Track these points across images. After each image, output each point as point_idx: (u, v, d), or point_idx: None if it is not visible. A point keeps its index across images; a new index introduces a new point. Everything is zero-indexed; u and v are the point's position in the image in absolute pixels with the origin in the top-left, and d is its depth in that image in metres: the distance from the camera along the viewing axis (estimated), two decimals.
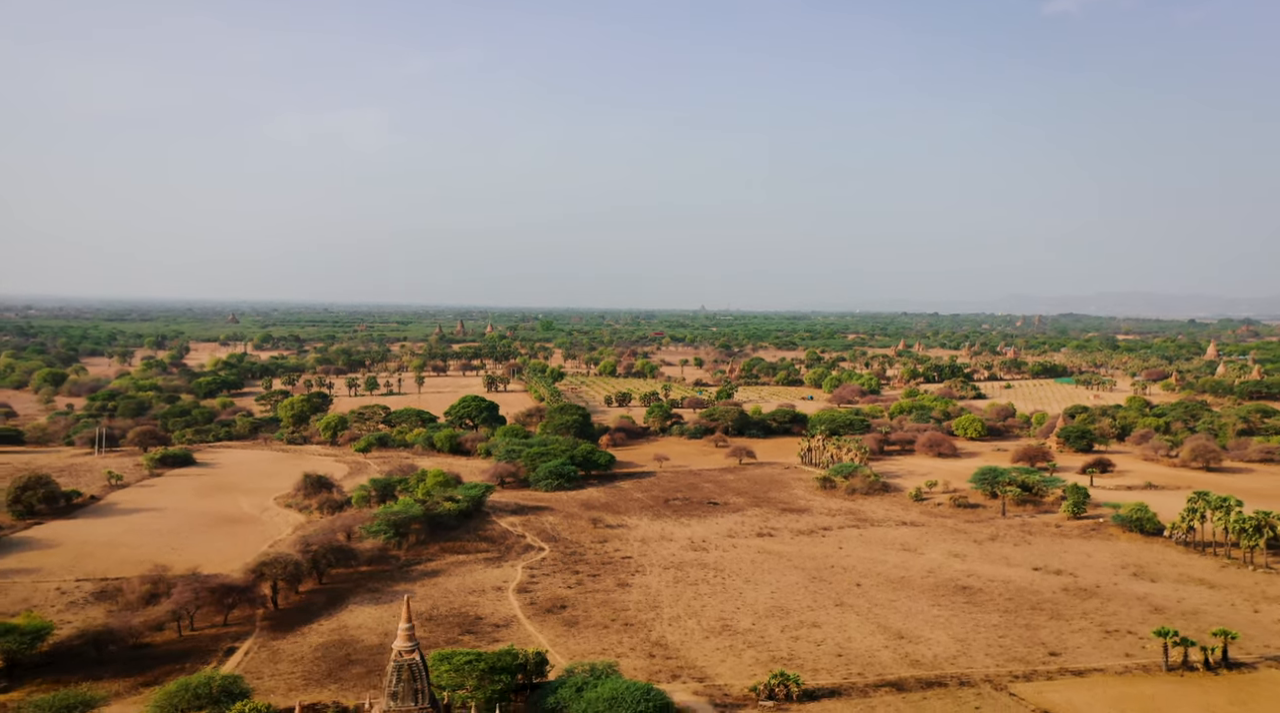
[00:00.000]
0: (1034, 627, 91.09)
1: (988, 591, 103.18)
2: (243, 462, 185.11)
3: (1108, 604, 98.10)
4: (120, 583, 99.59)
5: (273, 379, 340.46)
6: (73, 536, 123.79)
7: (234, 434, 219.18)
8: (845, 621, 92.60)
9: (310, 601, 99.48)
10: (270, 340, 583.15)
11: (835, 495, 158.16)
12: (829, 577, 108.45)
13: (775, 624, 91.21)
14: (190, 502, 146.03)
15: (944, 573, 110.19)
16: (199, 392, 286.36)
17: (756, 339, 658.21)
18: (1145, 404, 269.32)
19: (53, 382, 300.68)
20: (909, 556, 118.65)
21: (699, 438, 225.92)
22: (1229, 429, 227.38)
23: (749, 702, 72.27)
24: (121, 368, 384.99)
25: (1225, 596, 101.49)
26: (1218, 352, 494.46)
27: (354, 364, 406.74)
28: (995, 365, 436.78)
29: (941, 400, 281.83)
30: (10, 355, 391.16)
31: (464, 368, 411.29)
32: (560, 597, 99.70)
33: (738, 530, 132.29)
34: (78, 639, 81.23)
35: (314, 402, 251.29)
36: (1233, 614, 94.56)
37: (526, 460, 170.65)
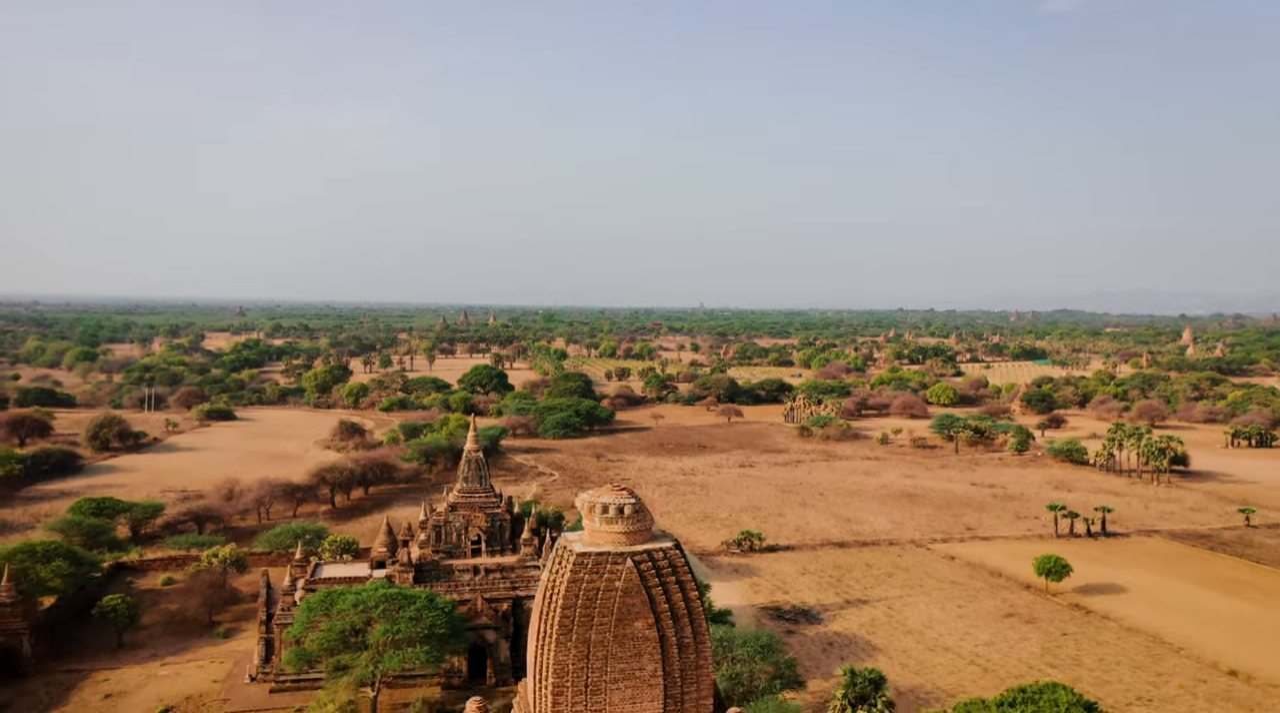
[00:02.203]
0: (959, 516, 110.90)
1: (928, 496, 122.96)
2: (279, 418, 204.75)
3: (1026, 505, 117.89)
4: (200, 491, 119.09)
5: (291, 360, 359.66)
6: (147, 464, 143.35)
7: (264, 400, 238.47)
8: (805, 514, 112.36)
9: (361, 503, 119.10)
10: (281, 330, 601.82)
11: (811, 441, 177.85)
12: (797, 490, 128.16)
13: (748, 516, 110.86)
14: (241, 444, 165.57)
15: (894, 487, 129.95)
16: (225, 367, 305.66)
17: (752, 330, 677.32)
18: (1109, 377, 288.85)
19: (86, 360, 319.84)
20: (867, 477, 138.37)
21: (692, 404, 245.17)
22: (1180, 395, 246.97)
23: (722, 552, 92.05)
24: (144, 351, 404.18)
25: (1125, 500, 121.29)
26: (1193, 337, 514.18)
27: (365, 348, 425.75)
28: (978, 349, 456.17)
29: (921, 374, 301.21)
30: (38, 339, 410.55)
31: (471, 351, 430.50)
32: (568, 501, 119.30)
33: (723, 464, 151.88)
34: (185, 516, 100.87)
35: (335, 373, 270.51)
36: (1126, 509, 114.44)
37: (535, 415, 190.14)
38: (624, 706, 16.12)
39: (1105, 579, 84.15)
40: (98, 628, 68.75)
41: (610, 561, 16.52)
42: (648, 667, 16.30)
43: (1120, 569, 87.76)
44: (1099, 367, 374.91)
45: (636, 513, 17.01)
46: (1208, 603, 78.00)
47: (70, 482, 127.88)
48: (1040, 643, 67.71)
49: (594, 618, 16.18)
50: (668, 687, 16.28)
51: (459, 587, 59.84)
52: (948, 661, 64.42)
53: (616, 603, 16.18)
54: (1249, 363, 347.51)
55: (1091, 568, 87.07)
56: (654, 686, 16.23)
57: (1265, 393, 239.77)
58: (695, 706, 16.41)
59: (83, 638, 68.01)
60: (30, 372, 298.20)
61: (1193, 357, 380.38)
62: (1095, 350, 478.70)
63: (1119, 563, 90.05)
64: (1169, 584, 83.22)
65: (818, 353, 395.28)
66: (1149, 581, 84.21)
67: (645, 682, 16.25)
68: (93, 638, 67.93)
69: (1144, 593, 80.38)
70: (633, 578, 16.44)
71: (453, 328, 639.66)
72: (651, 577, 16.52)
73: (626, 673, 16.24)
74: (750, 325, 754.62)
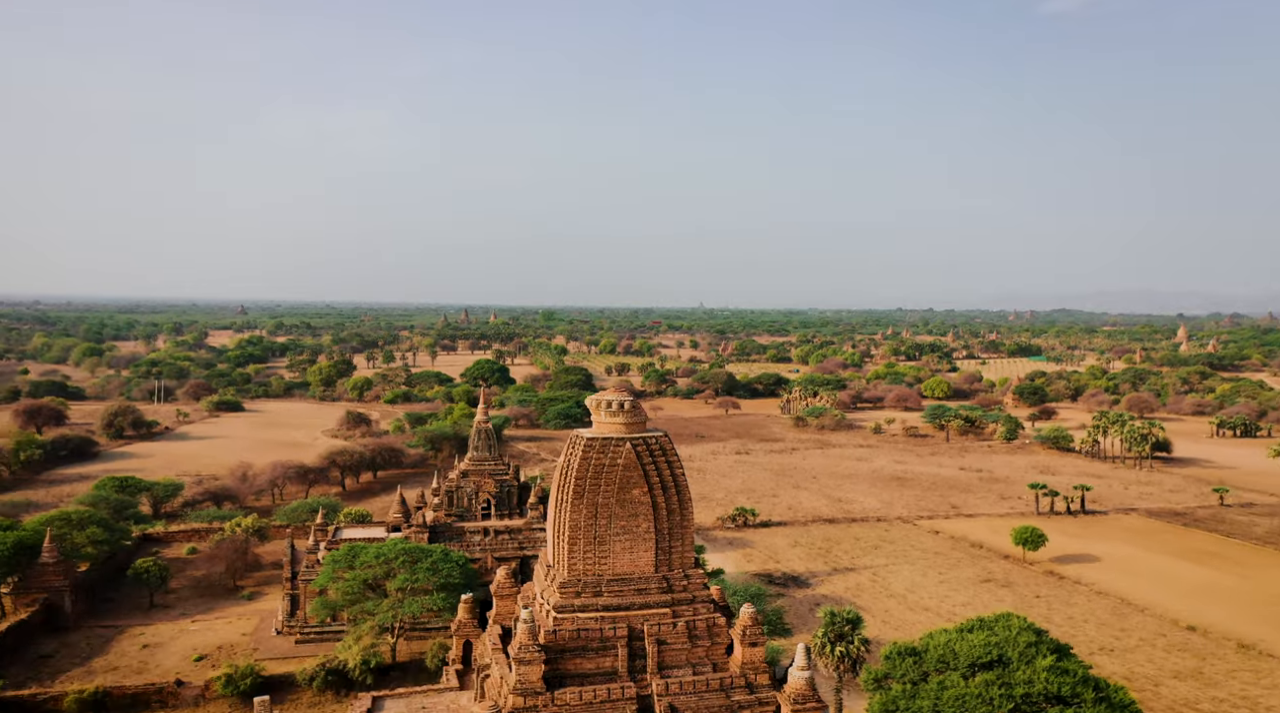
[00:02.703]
0: (946, 496, 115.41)
1: (917, 479, 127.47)
2: (286, 409, 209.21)
3: (1011, 487, 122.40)
4: (214, 475, 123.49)
5: (295, 356, 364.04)
6: (161, 451, 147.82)
7: (270, 393, 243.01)
8: (798, 494, 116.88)
9: (370, 486, 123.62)
10: (283, 328, 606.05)
11: (806, 431, 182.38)
12: (791, 474, 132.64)
13: (743, 497, 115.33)
14: (250, 432, 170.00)
15: (885, 471, 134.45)
16: (231, 362, 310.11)
17: (751, 328, 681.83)
18: (1101, 371, 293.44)
19: (93, 355, 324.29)
20: (859, 463, 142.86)
21: (691, 398, 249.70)
22: (1170, 389, 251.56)
23: (718, 527, 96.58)
24: (149, 348, 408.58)
25: (1107, 482, 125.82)
26: (1188, 335, 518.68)
27: (368, 344, 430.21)
28: (974, 346, 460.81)
29: (916, 370, 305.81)
30: (44, 336, 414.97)
31: (472, 347, 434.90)
32: None
33: (719, 451, 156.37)
34: (202, 496, 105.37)
35: (340, 368, 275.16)
36: (1106, 490, 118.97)
37: (537, 406, 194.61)
38: (624, 554, 20.57)
39: (1080, 550, 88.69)
40: (130, 590, 73.27)
41: (614, 443, 20.96)
42: (643, 525, 20.75)
43: (1095, 542, 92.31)
44: (1093, 363, 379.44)
45: (634, 408, 21.44)
46: (1176, 571, 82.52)
47: (88, 466, 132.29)
48: (1014, 604, 72.14)
49: (600, 486, 20.62)
50: (658, 540, 20.70)
51: (470, 547, 64.32)
52: (927, 618, 68.90)
53: (619, 475, 20.62)
54: (1241, 359, 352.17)
55: (1068, 540, 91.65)
56: (647, 539, 20.66)
57: (1253, 386, 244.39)
58: (680, 556, 20.83)
59: (117, 599, 72.51)
60: (38, 367, 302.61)
61: (1186, 353, 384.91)
62: (1090, 347, 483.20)
63: (1094, 536, 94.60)
64: (1140, 555, 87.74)
65: (815, 349, 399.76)
66: (1122, 551, 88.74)
67: (641, 536, 20.69)
68: (126, 599, 72.43)
69: (1116, 562, 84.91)
70: (631, 456, 20.88)
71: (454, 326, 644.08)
72: (646, 456, 20.94)
73: (626, 529, 20.68)
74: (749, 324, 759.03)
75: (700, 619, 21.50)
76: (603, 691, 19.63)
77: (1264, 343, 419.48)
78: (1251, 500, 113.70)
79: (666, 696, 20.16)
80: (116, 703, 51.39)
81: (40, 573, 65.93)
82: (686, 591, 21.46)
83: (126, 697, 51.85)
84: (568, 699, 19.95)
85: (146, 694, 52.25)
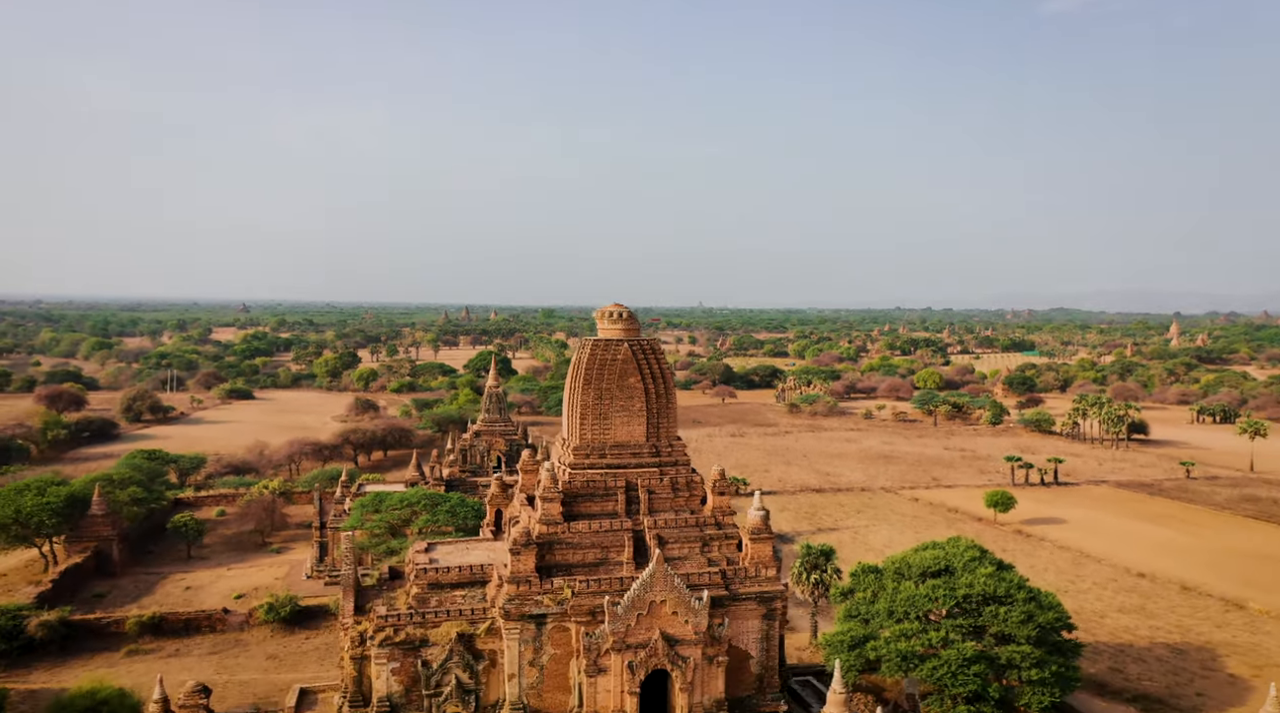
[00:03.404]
0: (929, 471, 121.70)
1: (903, 457, 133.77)
2: (295, 397, 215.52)
3: (990, 463, 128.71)
4: (232, 453, 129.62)
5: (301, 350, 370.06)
6: (179, 433, 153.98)
7: (278, 384, 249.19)
8: (789, 469, 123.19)
9: (381, 463, 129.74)
10: (286, 325, 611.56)
11: (800, 417, 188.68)
12: (782, 453, 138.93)
13: (736, 473, 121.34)
14: (262, 417, 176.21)
15: (873, 450, 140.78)
16: (239, 355, 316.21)
17: (749, 326, 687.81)
18: (1091, 364, 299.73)
19: (102, 348, 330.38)
20: (848, 444, 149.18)
21: (688, 388, 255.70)
22: (1156, 379, 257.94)
23: None
24: (155, 343, 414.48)
25: (1083, 459, 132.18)
26: (1180, 331, 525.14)
27: (371, 339, 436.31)
28: (969, 342, 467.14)
29: (910, 362, 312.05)
30: (51, 332, 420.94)
31: (473, 342, 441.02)
32: None
33: (715, 434, 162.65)
34: (223, 470, 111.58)
35: (345, 360, 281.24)
36: (1081, 465, 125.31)
37: (539, 394, 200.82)
38: (622, 427, 26.76)
39: (1048, 514, 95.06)
40: (168, 545, 79.61)
41: (614, 344, 27.19)
42: (636, 405, 26.96)
43: (1063, 507, 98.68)
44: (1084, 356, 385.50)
45: (631, 317, 27.65)
46: (1135, 530, 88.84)
47: (111, 446, 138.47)
48: None
49: (604, 375, 26.83)
50: (649, 417, 26.86)
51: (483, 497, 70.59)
52: None
53: (618, 367, 26.82)
54: (1229, 352, 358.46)
55: (1038, 506, 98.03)
56: (640, 416, 26.85)
57: (1236, 377, 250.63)
58: (666, 430, 27.02)
59: (156, 551, 78.84)
60: (48, 361, 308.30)
61: (1176, 347, 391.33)
62: (1084, 343, 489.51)
63: (1063, 503, 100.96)
64: (1104, 518, 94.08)
65: (812, 344, 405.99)
66: (1087, 515, 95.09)
67: (635, 413, 26.89)
68: (165, 552, 78.76)
69: (1080, 523, 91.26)
70: (628, 353, 27.09)
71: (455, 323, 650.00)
72: (639, 353, 27.11)
73: (624, 407, 26.88)
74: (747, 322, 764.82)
75: (681, 476, 27.83)
76: (606, 524, 25.81)
77: (1253, 338, 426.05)
78: (1217, 474, 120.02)
79: (655, 529, 26.38)
80: (171, 627, 57.64)
81: (90, 524, 72.21)
82: (670, 455, 27.80)
83: (179, 622, 58.09)
84: (580, 529, 26.18)
85: (197, 620, 58.50)
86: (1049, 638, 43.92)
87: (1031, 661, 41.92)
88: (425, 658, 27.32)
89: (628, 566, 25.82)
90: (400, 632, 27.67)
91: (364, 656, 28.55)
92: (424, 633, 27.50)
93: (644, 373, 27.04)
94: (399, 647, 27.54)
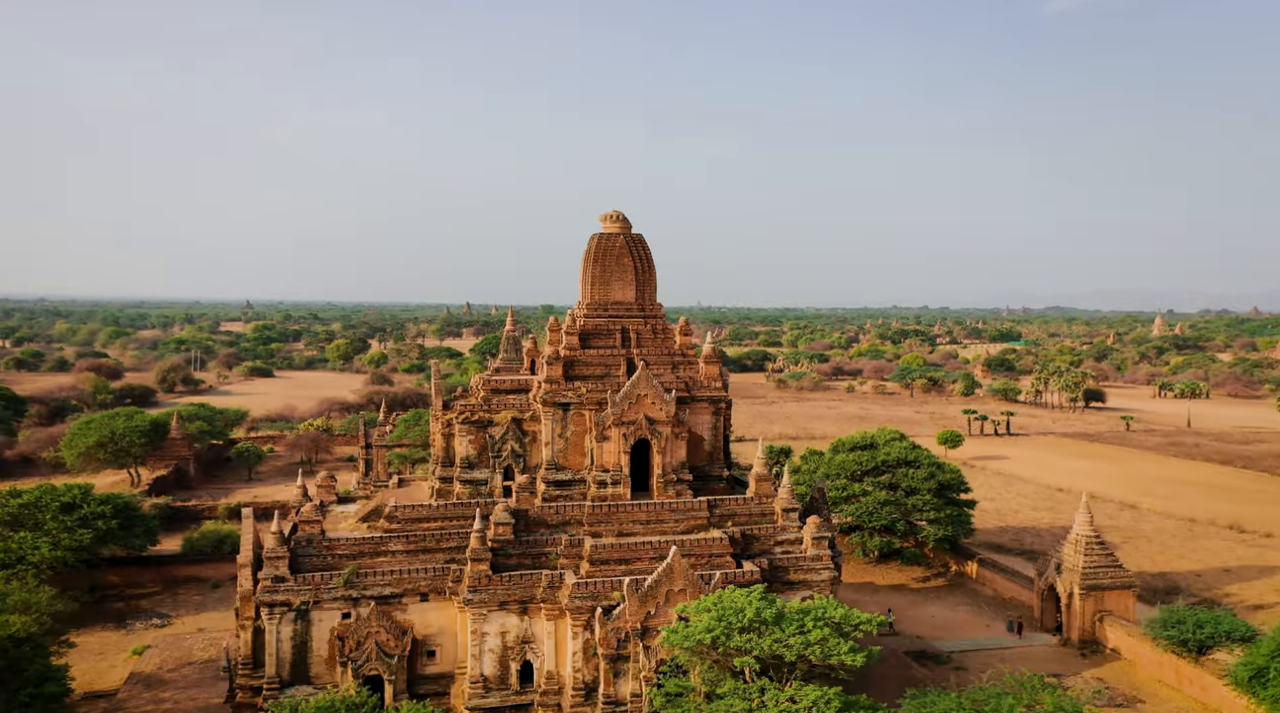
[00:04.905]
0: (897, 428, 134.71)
1: (876, 418, 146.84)
2: (312, 377, 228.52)
3: (954, 422, 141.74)
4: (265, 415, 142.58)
5: (311, 338, 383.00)
6: (212, 402, 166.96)
7: (293, 366, 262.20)
8: (770, 426, 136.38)
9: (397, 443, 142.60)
10: (291, 319, 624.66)
11: (787, 391, 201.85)
12: (766, 416, 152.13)
13: None
14: (286, 391, 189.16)
15: (850, 414, 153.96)
16: (252, 342, 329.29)
17: (746, 320, 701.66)
18: (1070, 350, 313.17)
19: (121, 336, 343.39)
20: (828, 409, 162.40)
21: None
22: (1128, 362, 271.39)
23: None
24: (169, 333, 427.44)
25: (1039, 420, 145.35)
26: (1164, 324, 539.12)
27: (376, 330, 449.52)
28: (958, 333, 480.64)
29: (897, 349, 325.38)
30: (66, 323, 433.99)
31: (476, 334, 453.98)
32: None
33: None
34: (263, 419, 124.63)
35: (356, 345, 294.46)
36: (1035, 423, 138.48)
37: None
38: (619, 291, 39.80)
39: (994, 453, 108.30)
40: (231, 470, 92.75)
41: (614, 236, 40.26)
42: (629, 276, 39.97)
43: (1009, 449, 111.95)
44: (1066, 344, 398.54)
45: (625, 219, 40.61)
46: (1066, 463, 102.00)
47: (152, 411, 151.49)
48: None
49: (606, 256, 39.88)
50: (637, 285, 39.87)
51: None
52: None
53: (616, 251, 39.84)
54: (1206, 340, 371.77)
55: (987, 447, 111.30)
56: (631, 284, 39.85)
57: (1204, 359, 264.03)
58: (649, 295, 40.11)
59: (221, 476, 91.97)
60: (70, 348, 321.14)
61: (1156, 337, 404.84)
62: (1070, 335, 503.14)
63: (1009, 447, 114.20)
64: (1042, 455, 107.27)
65: (805, 335, 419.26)
66: (1028, 454, 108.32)
67: (628, 282, 39.89)
68: (229, 475, 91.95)
69: (1020, 459, 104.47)
70: (622, 242, 40.12)
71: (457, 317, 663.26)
72: (630, 243, 40.10)
73: (620, 278, 39.90)
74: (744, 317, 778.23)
75: (660, 325, 40.94)
76: (608, 352, 38.66)
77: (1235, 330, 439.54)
78: (1154, 429, 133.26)
79: (641, 356, 39.25)
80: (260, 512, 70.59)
81: (171, 445, 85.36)
82: (652, 311, 40.99)
83: (260, 510, 71.02)
84: (590, 354, 39.11)
85: (272, 508, 71.48)
86: (948, 495, 57.07)
87: (931, 506, 55.06)
88: (491, 434, 39.97)
89: (623, 377, 38.56)
90: (475, 415, 40.41)
91: (449, 434, 41.33)
92: (490, 417, 40.22)
93: (634, 255, 39.83)
94: (473, 425, 40.29)
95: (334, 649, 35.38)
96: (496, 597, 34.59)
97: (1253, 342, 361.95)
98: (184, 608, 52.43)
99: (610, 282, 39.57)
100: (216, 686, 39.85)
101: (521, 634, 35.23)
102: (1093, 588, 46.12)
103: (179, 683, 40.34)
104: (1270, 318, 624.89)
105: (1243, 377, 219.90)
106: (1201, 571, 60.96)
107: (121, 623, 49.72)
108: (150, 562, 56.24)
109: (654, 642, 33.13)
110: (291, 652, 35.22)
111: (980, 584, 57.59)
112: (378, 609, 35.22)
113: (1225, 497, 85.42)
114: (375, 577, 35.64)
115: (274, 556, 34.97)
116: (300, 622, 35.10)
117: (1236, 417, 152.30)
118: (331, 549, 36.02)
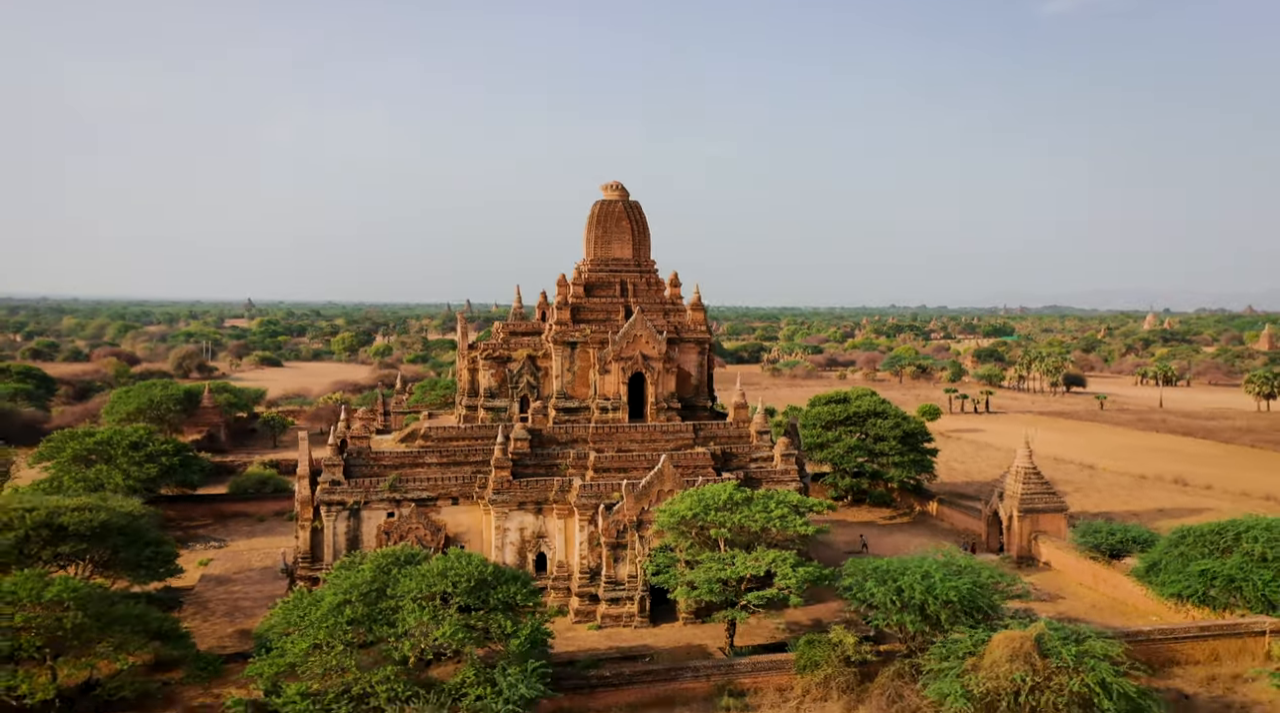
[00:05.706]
0: None
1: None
2: (320, 367, 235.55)
3: (938, 401, 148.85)
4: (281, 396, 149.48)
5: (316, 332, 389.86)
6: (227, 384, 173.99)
7: (300, 357, 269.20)
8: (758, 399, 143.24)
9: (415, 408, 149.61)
10: (293, 316, 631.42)
11: (781, 378, 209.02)
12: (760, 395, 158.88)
13: None
14: (296, 379, 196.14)
15: None
16: (258, 335, 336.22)
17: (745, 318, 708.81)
18: (1060, 342, 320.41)
19: (129, 330, 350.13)
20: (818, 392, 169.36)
21: None
22: (1115, 353, 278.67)
23: None
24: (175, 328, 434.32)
25: (1019, 401, 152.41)
26: (1156, 320, 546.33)
27: (380, 325, 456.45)
28: (953, 328, 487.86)
29: (890, 342, 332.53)
30: (73, 319, 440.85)
31: (478, 329, 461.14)
32: None
33: None
34: (281, 397, 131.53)
35: (361, 338, 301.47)
36: (1015, 404, 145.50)
37: None
38: (618, 249, 46.75)
39: (971, 426, 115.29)
40: (257, 439, 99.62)
41: (613, 202, 47.25)
42: (626, 237, 46.93)
43: (986, 423, 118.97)
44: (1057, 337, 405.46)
45: (623, 187, 47.53)
46: (1038, 435, 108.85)
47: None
48: None
49: (607, 219, 46.85)
50: (634, 244, 46.80)
51: None
52: None
53: (615, 214, 46.77)
54: (1194, 334, 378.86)
55: (966, 422, 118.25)
56: (629, 243, 46.78)
57: (1188, 350, 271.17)
58: (644, 253, 47.08)
59: (249, 444, 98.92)
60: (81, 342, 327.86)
61: (1145, 331, 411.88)
62: (1063, 330, 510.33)
63: (987, 422, 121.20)
64: (1016, 429, 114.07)
65: (801, 330, 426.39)
66: (1002, 427, 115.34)
67: (626, 242, 46.83)
68: (255, 443, 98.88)
69: (995, 431, 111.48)
70: (621, 207, 47.09)
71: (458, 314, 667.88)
72: (627, 207, 47.08)
73: (618, 238, 46.91)
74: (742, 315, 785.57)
75: (653, 278, 47.94)
76: (609, 301, 45.77)
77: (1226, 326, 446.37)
78: (1127, 408, 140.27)
79: (637, 304, 46.24)
80: (287, 469, 77.59)
81: (203, 413, 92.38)
82: (647, 267, 47.98)
83: (290, 466, 78.02)
84: (594, 302, 46.15)
85: None
86: (913, 442, 64.09)
87: (896, 452, 62.09)
88: (510, 369, 46.99)
89: (622, 321, 45.54)
90: (497, 352, 47.37)
91: (474, 369, 48.25)
92: (508, 354, 47.20)
93: (630, 218, 46.82)
94: (495, 360, 47.25)
95: (380, 542, 42.24)
96: (516, 498, 41.51)
97: (1239, 336, 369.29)
98: (236, 535, 59.41)
99: (610, 241, 46.53)
100: (277, 583, 46.76)
101: (537, 530, 42.17)
102: (1029, 511, 53.14)
103: (244, 581, 47.28)
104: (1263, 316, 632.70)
105: (1224, 366, 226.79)
106: (1140, 511, 67.97)
107: (184, 545, 56.70)
108: (202, 500, 63.15)
109: (647, 532, 40.01)
110: (346, 544, 42.11)
111: (940, 521, 64.62)
112: (417, 510, 42.10)
113: (1177, 460, 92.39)
114: (414, 483, 42.54)
115: (331, 463, 41.87)
116: (353, 519, 41.98)
117: (1210, 401, 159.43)
118: (378, 460, 42.93)
